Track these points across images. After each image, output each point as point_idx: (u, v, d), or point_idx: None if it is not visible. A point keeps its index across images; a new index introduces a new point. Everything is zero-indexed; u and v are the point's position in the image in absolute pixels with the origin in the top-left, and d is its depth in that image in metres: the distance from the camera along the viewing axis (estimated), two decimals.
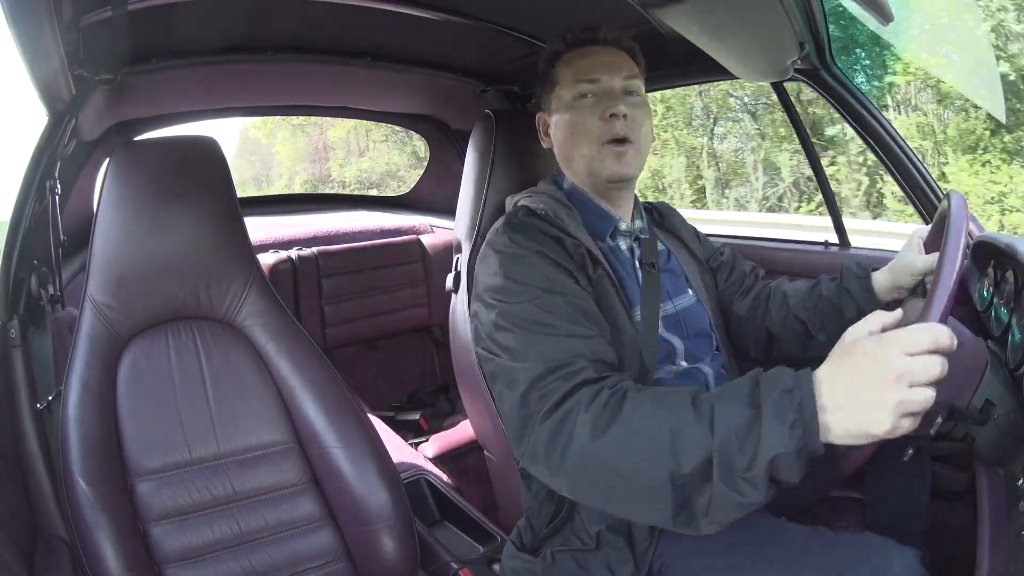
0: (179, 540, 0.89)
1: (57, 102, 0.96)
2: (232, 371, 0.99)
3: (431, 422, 1.86)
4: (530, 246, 0.81)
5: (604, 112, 0.88)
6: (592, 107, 0.89)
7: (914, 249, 0.91)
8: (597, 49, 0.92)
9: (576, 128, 0.90)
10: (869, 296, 0.94)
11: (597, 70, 0.89)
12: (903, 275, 0.92)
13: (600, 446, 0.61)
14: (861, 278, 0.95)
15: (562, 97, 0.92)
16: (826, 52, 1.14)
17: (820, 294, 0.99)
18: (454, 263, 1.20)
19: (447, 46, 1.37)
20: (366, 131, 10.90)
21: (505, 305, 0.76)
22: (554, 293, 0.76)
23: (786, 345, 1.03)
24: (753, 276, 1.10)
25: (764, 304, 1.04)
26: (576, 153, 0.91)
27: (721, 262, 1.09)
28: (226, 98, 1.67)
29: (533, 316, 0.74)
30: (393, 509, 0.95)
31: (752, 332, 1.05)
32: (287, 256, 1.79)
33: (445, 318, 1.24)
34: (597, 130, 0.88)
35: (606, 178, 0.90)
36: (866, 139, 1.20)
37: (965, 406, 0.68)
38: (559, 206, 0.89)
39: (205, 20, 1.05)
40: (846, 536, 0.76)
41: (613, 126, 0.87)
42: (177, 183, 0.97)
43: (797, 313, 1.00)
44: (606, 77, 0.89)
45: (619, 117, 0.87)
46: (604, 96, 0.89)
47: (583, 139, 0.89)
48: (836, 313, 0.97)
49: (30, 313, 0.95)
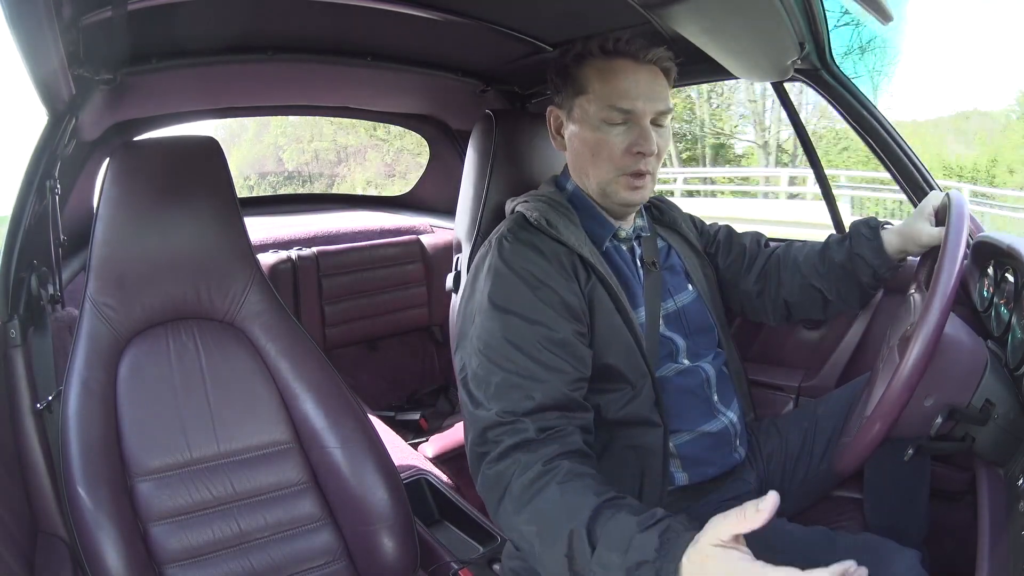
0: (179, 540, 0.89)
1: (57, 102, 0.96)
2: (232, 371, 0.99)
3: (431, 422, 1.86)
4: (517, 266, 0.81)
5: (632, 146, 0.85)
6: (621, 136, 0.85)
7: (924, 217, 0.90)
8: (636, 68, 0.86)
9: (599, 150, 0.87)
10: (882, 257, 0.94)
11: (634, 98, 0.84)
12: (910, 243, 0.91)
13: (521, 518, 0.69)
14: (871, 240, 0.94)
15: (588, 111, 0.87)
16: (826, 52, 1.14)
17: (832, 259, 0.98)
18: (454, 263, 1.20)
19: (447, 46, 1.37)
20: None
21: (481, 328, 0.79)
22: (527, 322, 0.78)
23: (805, 312, 1.04)
24: (755, 246, 1.08)
25: (776, 274, 1.04)
26: (593, 171, 0.89)
27: (718, 243, 1.08)
28: (226, 98, 1.67)
29: (499, 347, 0.77)
30: (393, 509, 0.95)
31: (768, 304, 1.05)
32: (287, 256, 1.78)
33: (445, 318, 1.24)
34: (620, 159, 0.86)
35: (618, 203, 0.90)
36: (866, 139, 1.19)
37: (965, 406, 0.68)
38: (557, 211, 0.88)
39: (205, 20, 1.05)
40: (846, 536, 0.76)
41: (638, 162, 0.86)
42: (177, 183, 0.97)
43: (812, 281, 1.00)
44: (642, 107, 0.85)
45: (646, 156, 0.85)
46: (634, 128, 0.85)
47: (604, 162, 0.87)
48: (850, 277, 0.97)
49: (30, 313, 0.95)
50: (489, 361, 0.77)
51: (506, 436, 0.73)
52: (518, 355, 0.76)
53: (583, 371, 0.79)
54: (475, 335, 0.80)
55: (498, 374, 0.76)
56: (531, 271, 0.80)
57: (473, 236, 1.13)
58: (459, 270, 1.18)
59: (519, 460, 0.71)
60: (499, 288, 0.80)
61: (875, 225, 0.96)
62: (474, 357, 0.79)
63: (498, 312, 0.79)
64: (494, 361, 0.77)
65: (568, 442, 0.73)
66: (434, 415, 1.91)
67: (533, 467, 0.69)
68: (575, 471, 0.68)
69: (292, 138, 13.93)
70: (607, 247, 0.91)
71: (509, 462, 0.71)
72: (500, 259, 0.82)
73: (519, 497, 0.69)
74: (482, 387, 0.77)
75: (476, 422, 0.76)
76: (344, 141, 13.64)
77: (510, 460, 0.71)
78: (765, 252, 1.07)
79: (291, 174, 13.73)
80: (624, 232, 0.94)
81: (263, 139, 14.15)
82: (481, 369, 0.77)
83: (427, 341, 2.13)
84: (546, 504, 0.67)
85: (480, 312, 0.81)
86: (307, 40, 1.26)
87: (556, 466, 0.69)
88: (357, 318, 1.93)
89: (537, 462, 0.69)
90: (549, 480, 0.68)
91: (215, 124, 1.78)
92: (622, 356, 0.83)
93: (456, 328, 0.88)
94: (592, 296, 0.83)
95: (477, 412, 0.76)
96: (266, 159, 14.10)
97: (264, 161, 14.04)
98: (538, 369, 0.76)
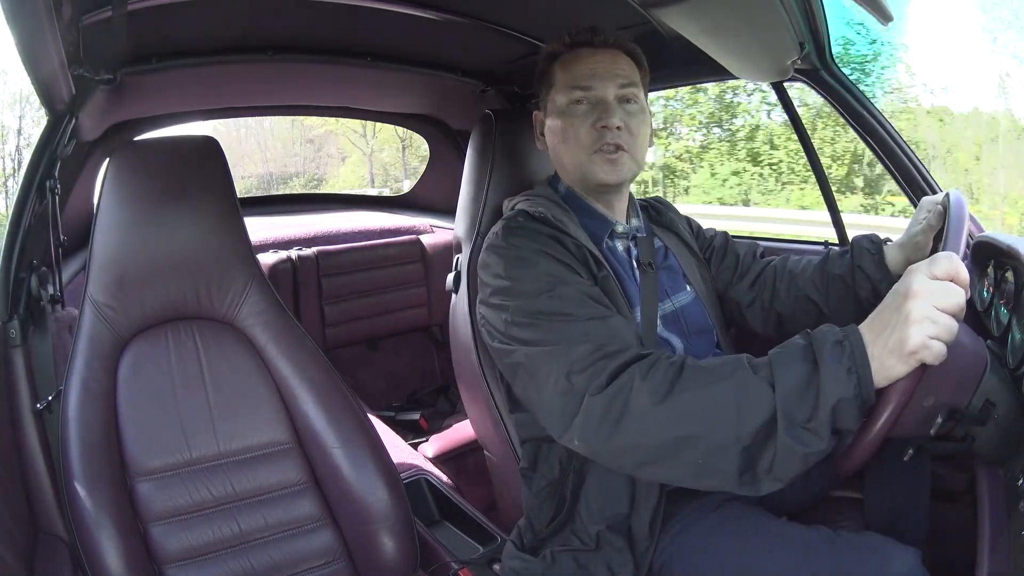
0: (179, 540, 0.89)
1: (57, 102, 0.96)
2: (232, 371, 0.99)
3: (431, 422, 1.86)
4: (530, 247, 0.80)
5: (596, 122, 0.87)
6: (585, 115, 0.88)
7: (919, 224, 0.89)
8: (594, 52, 0.90)
9: (567, 134, 0.89)
10: (883, 272, 0.93)
11: (591, 77, 0.88)
12: (913, 253, 0.91)
13: (662, 411, 0.62)
14: (874, 254, 0.94)
15: (556, 101, 0.91)
16: (826, 52, 1.14)
17: (831, 272, 0.98)
18: (454, 263, 1.20)
19: (447, 46, 1.37)
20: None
21: (516, 302, 0.76)
22: (563, 284, 0.76)
23: (798, 324, 1.02)
24: (751, 256, 1.08)
25: (771, 284, 1.03)
26: (567, 158, 0.91)
27: (713, 248, 1.08)
28: (226, 98, 1.67)
29: (548, 308, 0.74)
30: (393, 509, 0.95)
31: (759, 314, 1.04)
32: (287, 256, 1.78)
33: (445, 318, 1.24)
34: (588, 138, 0.88)
35: (595, 183, 0.90)
36: (866, 139, 1.19)
37: (965, 406, 0.68)
38: (556, 209, 0.88)
39: (205, 20, 1.05)
40: (846, 536, 0.76)
41: (604, 136, 0.87)
42: (177, 183, 0.97)
43: (808, 293, 0.99)
44: (600, 85, 0.88)
45: (611, 129, 0.86)
46: (598, 104, 0.88)
47: (574, 145, 0.89)
48: (848, 291, 0.96)
49: (30, 313, 0.95)
50: (546, 322, 0.73)
51: (607, 361, 0.67)
52: (573, 307, 0.73)
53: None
54: (511, 313, 0.76)
55: (562, 328, 0.71)
56: (546, 250, 0.80)
57: (473, 236, 1.13)
58: (459, 270, 1.18)
59: (638, 369, 0.65)
60: (520, 267, 0.78)
61: (877, 240, 0.96)
62: (524, 329, 0.74)
63: (530, 284, 0.76)
64: (551, 321, 0.72)
65: (675, 355, 0.69)
66: (434, 415, 1.91)
67: (659, 363, 0.65)
68: (697, 361, 0.65)
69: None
70: (605, 249, 0.91)
71: (624, 377, 0.65)
72: (512, 244, 0.81)
73: (654, 391, 0.63)
74: (549, 344, 0.71)
75: (554, 370, 0.69)
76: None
77: (624, 375, 0.65)
78: (760, 262, 1.07)
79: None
80: (621, 227, 0.94)
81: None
82: (539, 333, 0.72)
83: (427, 341, 2.13)
84: (691, 379, 0.63)
85: (510, 293, 0.77)
86: (307, 40, 1.26)
87: (682, 358, 0.66)
88: (357, 318, 1.93)
89: (660, 359, 0.66)
90: (680, 367, 0.64)
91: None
92: None
93: (479, 325, 0.84)
94: (604, 287, 0.83)
95: (552, 362, 0.69)
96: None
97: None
98: (599, 311, 0.73)
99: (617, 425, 0.64)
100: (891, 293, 0.58)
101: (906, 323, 0.55)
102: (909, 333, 0.55)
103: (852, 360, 0.57)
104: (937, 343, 0.55)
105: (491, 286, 0.81)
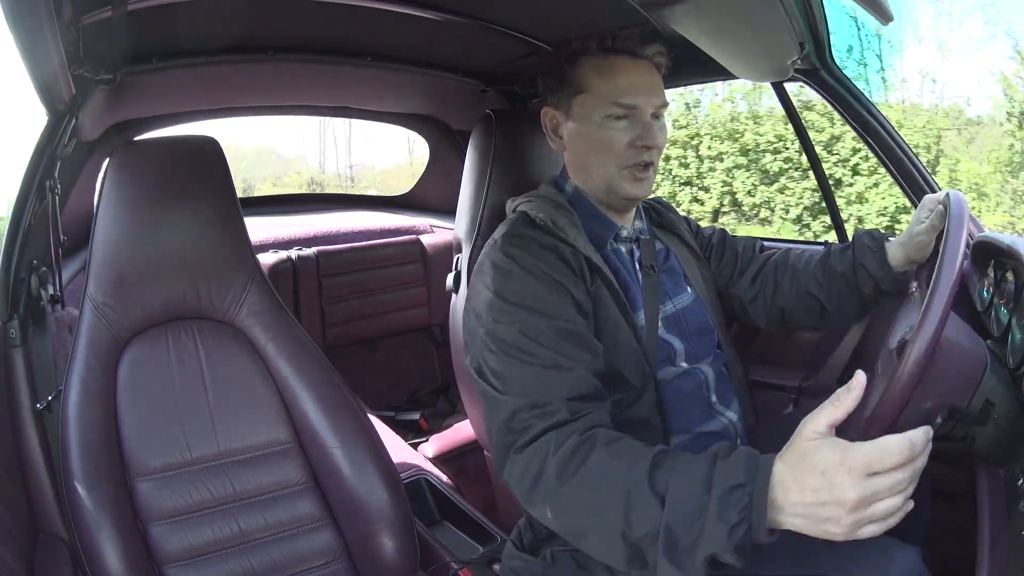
0: (179, 540, 0.89)
1: (57, 102, 0.96)
2: (232, 371, 0.99)
3: (431, 422, 1.86)
4: (526, 262, 0.80)
5: (636, 141, 0.86)
6: (624, 130, 0.87)
7: (921, 223, 0.89)
8: (634, 64, 0.88)
9: (602, 147, 0.88)
10: (885, 270, 0.93)
11: (635, 94, 0.86)
12: (914, 252, 0.91)
13: (564, 492, 0.64)
14: (876, 251, 0.94)
15: (589, 107, 0.88)
16: (826, 52, 1.14)
17: (833, 269, 0.98)
18: (454, 263, 1.20)
19: (447, 46, 1.37)
20: None
21: (493, 324, 0.78)
22: (541, 315, 0.76)
23: (800, 320, 1.03)
24: (750, 251, 1.08)
25: (772, 280, 1.03)
26: (596, 168, 0.90)
27: (712, 246, 1.08)
28: (226, 98, 1.67)
29: (516, 341, 0.75)
30: (393, 509, 0.95)
31: (762, 310, 1.04)
32: (287, 256, 1.78)
33: (445, 318, 1.24)
34: (624, 154, 0.87)
35: (624, 197, 0.90)
36: (866, 139, 1.19)
37: (965, 406, 0.68)
38: (559, 212, 0.88)
39: (205, 20, 1.05)
40: None
41: (640, 155, 0.87)
42: (177, 183, 0.97)
43: (810, 289, 0.99)
44: (643, 102, 0.86)
45: (650, 149, 0.87)
46: (637, 122, 0.87)
47: (608, 158, 0.88)
48: (851, 288, 0.96)
49: (30, 313, 0.95)
50: (508, 356, 0.75)
51: (536, 420, 0.69)
52: (537, 347, 0.74)
53: (600, 364, 0.78)
54: (486, 332, 0.78)
55: (519, 368, 0.74)
56: (540, 267, 0.80)
57: (473, 236, 1.13)
58: (459, 270, 1.18)
59: (552, 439, 0.67)
60: (509, 283, 0.79)
61: (879, 236, 0.96)
62: (490, 354, 0.77)
63: (510, 307, 0.77)
64: (513, 356, 0.75)
65: (600, 418, 0.71)
66: (434, 415, 1.90)
67: (570, 439, 0.66)
68: (615, 436, 0.66)
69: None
70: (607, 251, 0.91)
71: (541, 442, 0.68)
72: (507, 256, 0.81)
73: (559, 471, 0.65)
74: (503, 382, 0.74)
75: (500, 414, 0.73)
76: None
77: (542, 440, 0.68)
78: (760, 258, 1.07)
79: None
80: (626, 231, 0.94)
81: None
82: (500, 365, 0.75)
83: (427, 341, 2.13)
84: (593, 467, 0.63)
85: (490, 309, 0.79)
86: (307, 40, 1.26)
87: (594, 434, 0.66)
88: (357, 318, 1.93)
89: (573, 434, 0.67)
90: (591, 447, 0.65)
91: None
92: (625, 359, 0.83)
93: (463, 326, 0.87)
94: (597, 298, 0.83)
95: (501, 405, 0.73)
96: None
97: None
98: (561, 359, 0.74)
99: (531, 490, 0.68)
100: (822, 472, 0.52)
101: (833, 524, 0.52)
102: (835, 533, 0.53)
103: (746, 512, 0.54)
104: (871, 527, 0.52)
105: (477, 295, 0.82)
